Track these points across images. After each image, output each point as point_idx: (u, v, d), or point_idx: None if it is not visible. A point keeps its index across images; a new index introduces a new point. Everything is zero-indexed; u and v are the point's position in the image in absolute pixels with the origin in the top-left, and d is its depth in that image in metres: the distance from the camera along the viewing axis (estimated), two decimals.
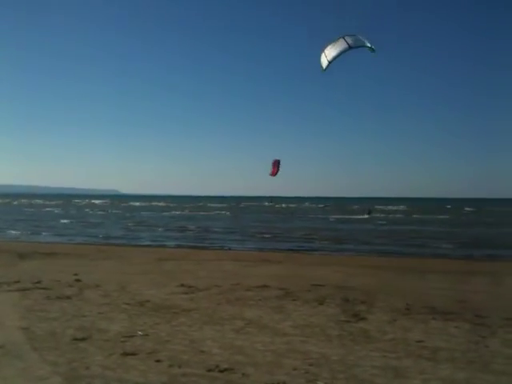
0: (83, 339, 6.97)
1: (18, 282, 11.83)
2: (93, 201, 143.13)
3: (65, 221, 48.32)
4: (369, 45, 11.59)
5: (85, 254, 19.75)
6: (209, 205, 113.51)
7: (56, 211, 74.01)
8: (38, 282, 11.78)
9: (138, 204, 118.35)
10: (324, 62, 11.67)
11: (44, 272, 13.67)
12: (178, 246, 25.93)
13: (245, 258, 18.90)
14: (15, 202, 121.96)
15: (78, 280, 12.32)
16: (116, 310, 8.99)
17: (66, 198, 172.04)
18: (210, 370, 5.71)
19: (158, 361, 6.05)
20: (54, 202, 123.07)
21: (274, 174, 18.96)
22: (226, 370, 5.74)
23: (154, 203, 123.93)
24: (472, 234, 35.24)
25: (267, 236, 32.02)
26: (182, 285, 11.76)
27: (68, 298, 10.04)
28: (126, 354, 6.29)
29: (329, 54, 11.49)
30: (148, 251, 22.31)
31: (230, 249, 24.84)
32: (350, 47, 11.44)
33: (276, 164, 19.04)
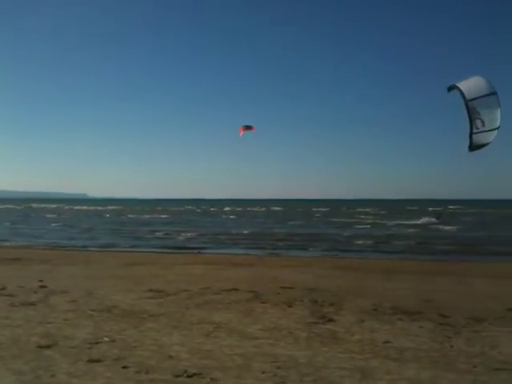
0: (48, 346, 6.83)
1: None
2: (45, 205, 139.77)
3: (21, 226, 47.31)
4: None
5: (50, 259, 19.36)
6: (187, 207, 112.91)
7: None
8: (2, 289, 11.48)
9: (100, 208, 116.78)
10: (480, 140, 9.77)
11: (8, 278, 13.33)
12: (147, 251, 25.64)
13: (215, 262, 18.87)
14: None
15: (43, 286, 12.06)
16: (82, 316, 8.84)
17: (28, 203, 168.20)
18: (177, 376, 5.67)
19: (124, 367, 5.97)
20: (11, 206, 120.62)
21: (242, 133, 19.14)
22: (194, 375, 5.70)
23: (116, 207, 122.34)
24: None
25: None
26: (151, 290, 11.64)
27: (33, 304, 9.82)
28: (91, 361, 6.19)
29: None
30: (116, 256, 21.99)
31: (200, 252, 24.73)
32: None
33: (246, 128, 19.15)
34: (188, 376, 5.67)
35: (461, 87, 9.85)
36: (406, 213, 77.49)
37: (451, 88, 10.23)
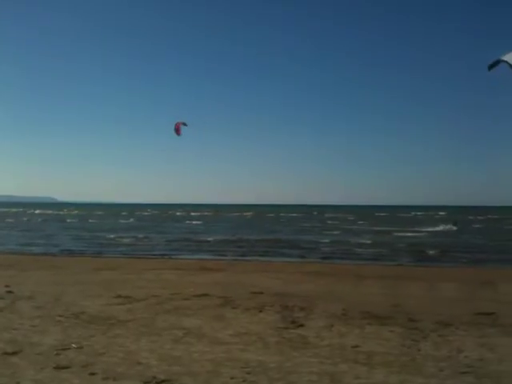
0: (14, 353, 6.70)
1: None
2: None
3: None
4: None
5: (17, 263, 18.97)
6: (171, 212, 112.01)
7: None
8: None
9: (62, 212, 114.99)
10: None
11: None
12: (116, 256, 25.33)
13: (185, 267, 18.74)
14: None
15: (9, 292, 11.81)
16: (49, 322, 8.69)
17: None
18: (146, 382, 5.62)
19: (92, 374, 5.89)
20: None
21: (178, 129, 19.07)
22: (162, 381, 5.67)
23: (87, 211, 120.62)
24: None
25: None
26: (119, 295, 11.51)
27: None
28: (59, 368, 6.10)
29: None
30: (84, 261, 21.69)
31: (170, 257, 24.57)
32: None
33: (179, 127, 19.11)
34: (157, 382, 5.63)
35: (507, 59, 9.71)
36: (411, 220, 77.59)
37: (494, 64, 9.96)
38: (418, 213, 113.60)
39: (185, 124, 18.94)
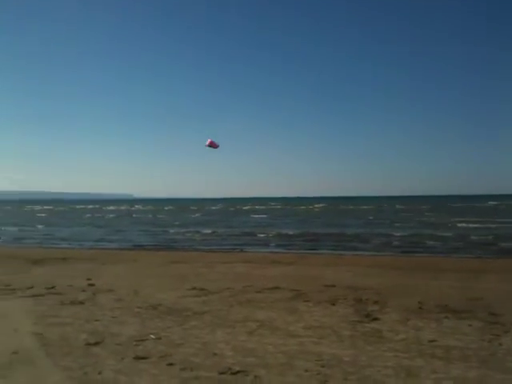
0: (96, 344, 7.01)
1: (32, 287, 11.93)
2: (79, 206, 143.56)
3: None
4: None
5: (97, 258, 19.85)
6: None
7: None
8: (52, 288, 11.87)
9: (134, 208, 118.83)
10: None
11: (57, 277, 13.77)
12: (189, 249, 25.91)
13: (256, 260, 18.90)
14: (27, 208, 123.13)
15: (90, 284, 12.40)
16: (129, 313, 9.03)
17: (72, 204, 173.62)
18: (222, 373, 5.72)
19: (169, 364, 6.06)
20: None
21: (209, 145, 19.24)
22: (238, 372, 5.74)
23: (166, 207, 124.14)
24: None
25: None
26: (194, 288, 11.78)
27: (81, 302, 10.10)
28: (138, 358, 6.31)
29: None
30: (159, 254, 22.35)
31: (241, 251, 24.83)
32: None
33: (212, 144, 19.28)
34: (232, 373, 5.71)
35: None
36: (488, 210, 74.07)
37: None
38: (494, 202, 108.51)
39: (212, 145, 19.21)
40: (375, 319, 8.48)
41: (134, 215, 76.34)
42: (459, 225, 40.21)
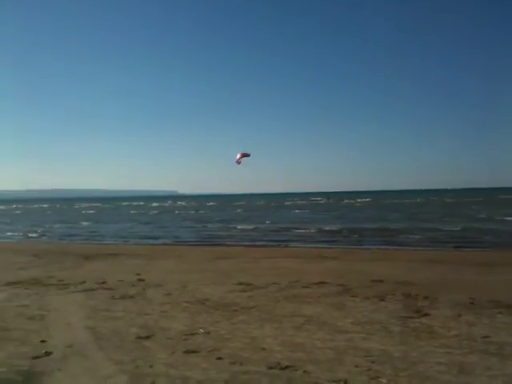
0: (147, 337, 7.15)
1: (84, 282, 12.29)
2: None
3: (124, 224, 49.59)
4: None
5: (144, 254, 20.25)
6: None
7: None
8: (103, 283, 12.20)
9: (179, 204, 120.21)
10: None
11: (108, 272, 14.13)
12: (233, 245, 26.04)
13: (301, 255, 18.84)
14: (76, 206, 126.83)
15: (140, 279, 12.66)
16: (177, 308, 9.17)
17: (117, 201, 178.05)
18: (271, 368, 5.73)
19: (219, 358, 6.13)
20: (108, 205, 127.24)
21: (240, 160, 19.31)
22: (287, 367, 5.74)
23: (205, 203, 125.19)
24: None
25: None
26: (240, 283, 11.86)
27: (131, 297, 10.33)
28: (188, 352, 6.41)
29: None
30: (204, 250, 22.58)
31: (286, 246, 24.80)
32: None
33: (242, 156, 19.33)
34: (281, 368, 5.72)
35: None
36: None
37: None
38: None
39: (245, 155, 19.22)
40: (425, 315, 8.31)
41: (177, 211, 77.27)
42: (508, 218, 38.77)
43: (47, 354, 6.42)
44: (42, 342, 7.00)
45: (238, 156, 19.39)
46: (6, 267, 16.03)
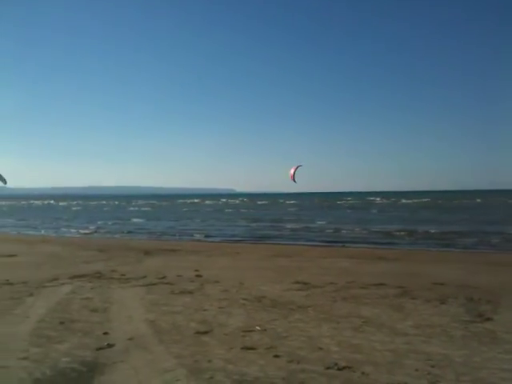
0: (205, 333, 7.29)
1: (145, 277, 12.65)
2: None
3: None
4: None
5: (202, 250, 20.58)
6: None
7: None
8: (163, 278, 12.51)
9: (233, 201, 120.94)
10: None
11: (167, 268, 14.48)
12: (290, 244, 26.01)
13: (359, 256, 18.59)
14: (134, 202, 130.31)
15: (198, 275, 12.90)
16: (234, 305, 9.28)
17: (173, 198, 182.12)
18: (328, 368, 5.71)
19: (276, 356, 6.16)
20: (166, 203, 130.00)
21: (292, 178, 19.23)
22: (344, 368, 5.70)
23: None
24: None
25: None
26: (297, 281, 11.85)
27: (190, 292, 10.54)
28: (245, 349, 6.48)
29: None
30: (260, 248, 22.68)
31: (343, 245, 24.54)
32: None
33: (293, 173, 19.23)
34: (339, 369, 5.68)
35: None
36: None
37: None
38: None
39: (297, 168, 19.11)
40: (488, 319, 8.03)
41: (230, 210, 77.89)
42: None
43: (110, 345, 6.65)
44: (105, 333, 7.26)
45: (292, 171, 19.49)
46: (70, 261, 16.71)
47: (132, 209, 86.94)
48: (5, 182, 21.04)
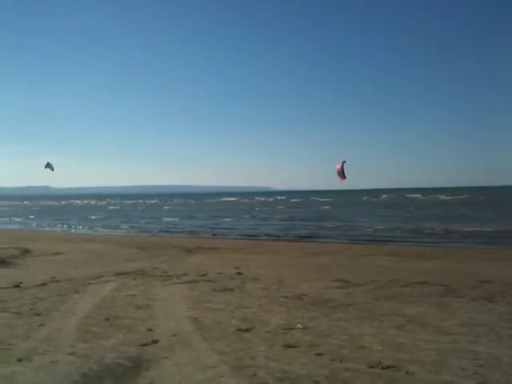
0: (247, 330, 7.30)
1: (186, 274, 12.79)
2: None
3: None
4: None
5: (241, 248, 20.69)
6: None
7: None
8: (204, 275, 12.62)
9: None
10: None
11: (208, 265, 14.60)
12: (328, 241, 25.82)
13: (401, 253, 18.29)
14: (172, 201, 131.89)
15: (239, 273, 12.96)
16: (275, 302, 9.27)
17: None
18: (371, 367, 5.62)
19: (318, 354, 6.11)
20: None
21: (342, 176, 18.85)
22: (388, 367, 5.60)
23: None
24: None
25: None
26: (338, 279, 11.75)
27: (231, 290, 10.59)
28: (287, 346, 6.45)
29: None
30: (300, 246, 22.62)
31: (384, 243, 24.17)
32: None
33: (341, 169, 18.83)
34: (382, 368, 5.59)
35: None
36: None
37: None
38: None
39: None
40: None
41: (257, 208, 77.63)
42: None
43: (154, 342, 6.74)
44: (149, 330, 7.36)
45: (338, 167, 19.09)
46: (114, 259, 17.05)
47: (169, 207, 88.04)
48: (52, 169, 24.06)
